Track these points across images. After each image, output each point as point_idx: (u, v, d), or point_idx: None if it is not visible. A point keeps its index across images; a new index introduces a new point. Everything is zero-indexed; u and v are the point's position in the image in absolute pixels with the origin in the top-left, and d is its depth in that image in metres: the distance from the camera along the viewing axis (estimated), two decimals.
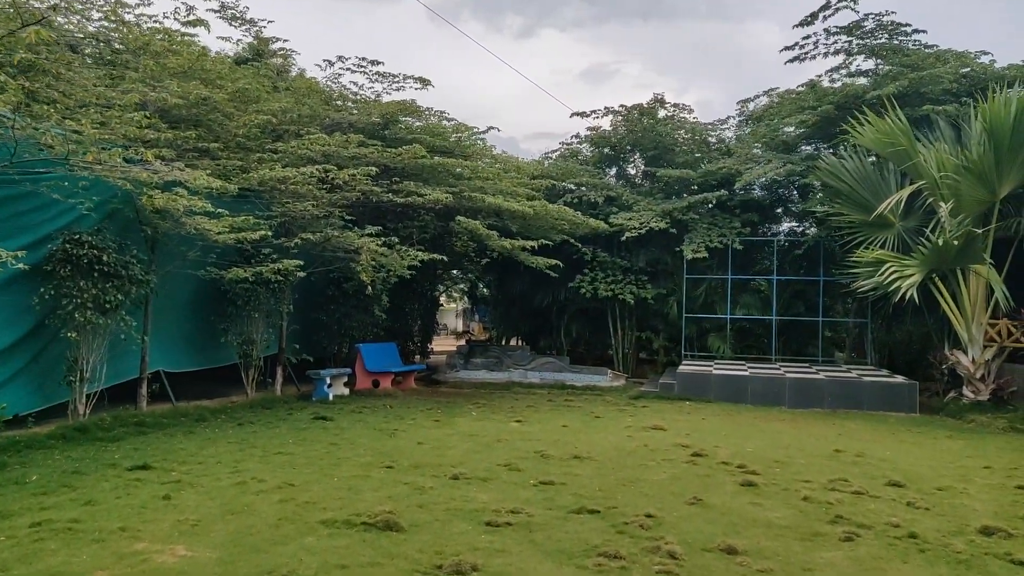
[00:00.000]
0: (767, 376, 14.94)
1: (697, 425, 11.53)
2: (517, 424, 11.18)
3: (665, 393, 15.31)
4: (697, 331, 19.22)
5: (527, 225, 16.44)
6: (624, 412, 12.98)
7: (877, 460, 8.71)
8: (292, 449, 8.62)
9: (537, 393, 15.79)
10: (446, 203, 14.22)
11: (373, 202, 13.48)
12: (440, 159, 14.27)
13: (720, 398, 14.87)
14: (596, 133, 20.37)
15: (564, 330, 20.43)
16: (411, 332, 19.47)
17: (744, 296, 19.27)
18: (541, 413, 12.60)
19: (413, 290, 18.83)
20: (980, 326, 13.81)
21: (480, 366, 19.15)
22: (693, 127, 19.53)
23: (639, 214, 17.32)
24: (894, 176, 15.04)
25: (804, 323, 19.16)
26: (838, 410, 14.09)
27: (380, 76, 15.25)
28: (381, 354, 15.96)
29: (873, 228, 14.90)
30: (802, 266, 19.12)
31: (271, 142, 12.44)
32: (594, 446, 9.26)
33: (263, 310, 12.87)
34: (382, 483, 6.93)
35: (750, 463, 8.23)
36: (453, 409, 12.86)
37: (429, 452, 8.65)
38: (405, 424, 10.91)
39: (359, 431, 10.15)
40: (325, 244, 12.90)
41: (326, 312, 15.32)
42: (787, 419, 12.78)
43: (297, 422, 10.83)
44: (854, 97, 16.05)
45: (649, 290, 18.29)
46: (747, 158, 17.43)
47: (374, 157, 13.58)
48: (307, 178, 11.79)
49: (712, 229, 17.94)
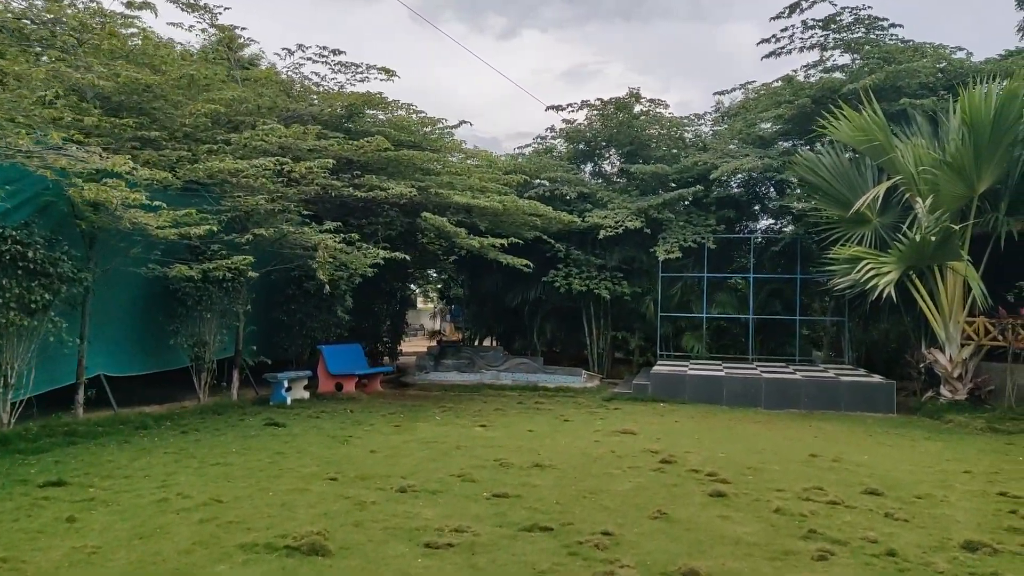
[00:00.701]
0: (743, 376, 14.53)
1: (669, 428, 11.07)
2: (481, 429, 10.65)
3: (639, 394, 14.86)
4: (673, 330, 18.81)
5: (498, 221, 15.92)
6: (595, 415, 12.50)
7: (854, 465, 8.28)
8: (233, 459, 8.04)
9: (507, 395, 15.27)
10: (411, 198, 13.66)
11: (332, 196, 12.89)
12: (405, 152, 13.71)
13: (695, 399, 14.44)
14: (571, 128, 19.88)
15: (538, 330, 19.94)
16: (379, 333, 18.90)
17: (721, 294, 18.89)
18: (508, 417, 12.09)
19: (381, 289, 18.29)
20: (957, 324, 13.47)
21: (451, 367, 18.59)
22: (669, 122, 19.10)
23: (614, 212, 16.85)
24: (871, 171, 14.69)
25: (781, 322, 18.80)
26: (815, 411, 13.70)
27: (342, 66, 14.65)
28: (345, 356, 15.37)
29: (850, 224, 14.53)
30: (779, 264, 18.78)
31: (224, 133, 11.81)
32: (558, 453, 8.75)
33: (216, 310, 12.24)
34: (321, 498, 6.37)
35: (721, 470, 7.76)
36: (417, 413, 12.31)
37: (381, 461, 8.10)
38: (362, 430, 10.35)
39: (311, 438, 9.58)
40: (282, 241, 12.31)
41: (287, 312, 14.71)
42: (763, 421, 12.36)
43: (247, 429, 10.24)
44: (831, 90, 15.68)
45: (625, 287, 17.83)
46: (723, 153, 17.02)
47: (335, 150, 12.99)
48: (260, 171, 11.19)
49: (687, 227, 17.52)
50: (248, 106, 12.58)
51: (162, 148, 10.35)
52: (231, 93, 11.60)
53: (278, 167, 11.48)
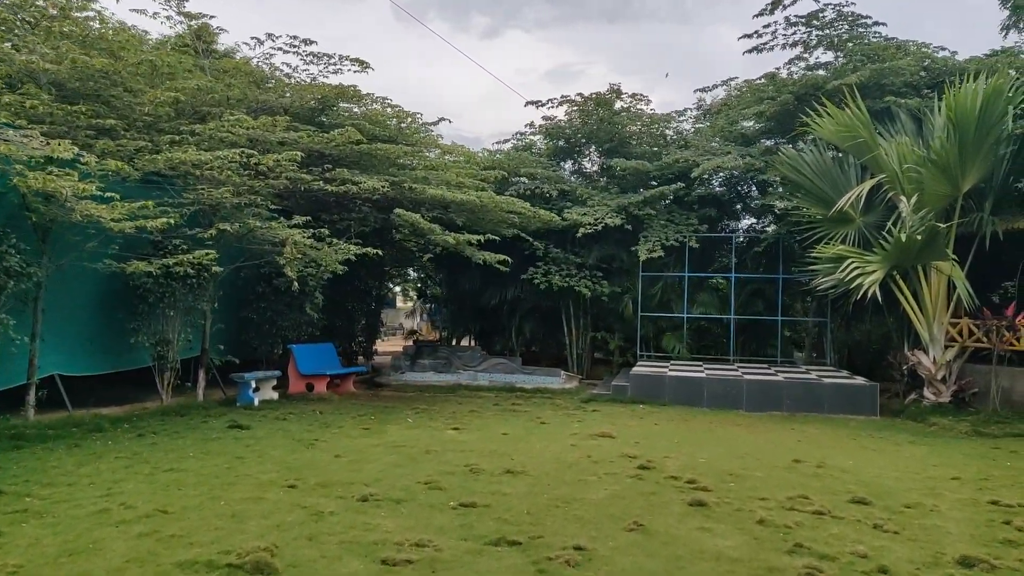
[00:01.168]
0: (724, 378, 14.24)
1: (648, 431, 10.74)
2: (454, 432, 10.26)
3: (618, 396, 14.53)
4: (654, 330, 18.50)
5: (476, 218, 15.53)
6: (572, 417, 12.14)
7: (839, 471, 7.98)
8: (188, 465, 7.59)
9: (484, 396, 14.89)
10: (385, 193, 13.23)
11: (302, 191, 12.44)
12: (378, 145, 13.27)
13: (675, 401, 14.14)
14: (550, 124, 19.53)
15: (517, 330, 19.57)
16: (354, 332, 18.43)
17: (702, 294, 18.62)
18: (483, 419, 11.70)
19: (356, 288, 17.83)
20: (941, 326, 13.27)
21: (427, 367, 18.18)
22: (650, 119, 18.79)
23: (594, 209, 16.52)
24: (854, 170, 14.46)
25: (763, 322, 18.57)
26: (797, 413, 13.44)
27: (315, 57, 14.17)
28: (316, 355, 14.91)
29: (833, 223, 14.29)
30: (761, 264, 18.54)
31: (189, 124, 11.33)
32: (532, 458, 8.39)
33: (180, 307, 11.76)
34: (275, 508, 5.96)
35: (701, 477, 7.43)
36: (388, 415, 11.90)
37: (345, 467, 7.69)
38: (329, 433, 9.92)
39: (275, 441, 9.14)
40: (249, 236, 11.84)
41: (256, 310, 14.23)
42: (744, 424, 12.07)
43: (208, 431, 9.77)
44: (814, 87, 15.45)
45: (605, 286, 17.51)
46: (705, 151, 16.73)
47: (305, 142, 12.54)
48: (225, 163, 10.72)
49: (669, 226, 17.23)
50: (215, 96, 12.09)
51: (120, 138, 9.85)
52: (196, 82, 11.11)
53: (244, 159, 11.02)
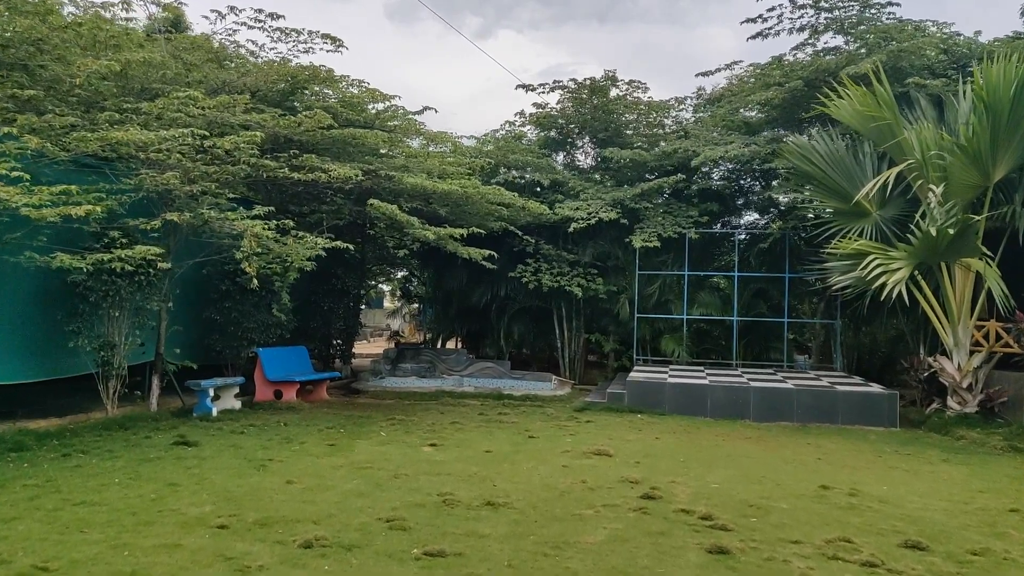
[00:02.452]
0: (729, 385, 13.10)
1: (649, 447, 9.58)
2: (430, 449, 9.07)
3: (614, 404, 13.37)
4: (651, 332, 17.34)
5: (460, 212, 14.34)
6: (564, 430, 10.97)
7: (876, 501, 6.83)
8: (107, 496, 6.37)
9: (468, 405, 13.70)
10: (359, 183, 12.05)
11: (265, 179, 11.22)
12: (351, 131, 12.07)
13: (676, 410, 13.00)
14: (542, 113, 18.34)
15: (505, 331, 18.37)
16: (330, 334, 17.17)
17: (702, 294, 17.47)
18: (465, 432, 10.52)
19: (333, 286, 16.58)
20: (967, 329, 12.16)
21: (409, 372, 16.97)
22: (648, 106, 17.61)
23: (587, 203, 15.35)
24: (870, 159, 13.32)
25: (767, 324, 17.44)
26: (809, 424, 12.32)
27: (282, 33, 12.94)
28: (286, 360, 13.69)
29: (847, 217, 13.16)
30: (765, 262, 17.39)
31: (134, 102, 10.09)
32: (518, 483, 7.20)
33: (127, 307, 10.53)
34: (191, 560, 4.75)
35: (718, 510, 6.27)
36: (360, 427, 10.69)
37: (295, 497, 6.48)
38: (289, 450, 8.71)
39: (222, 462, 7.93)
40: (205, 228, 10.63)
41: (220, 311, 12.99)
42: (754, 437, 10.93)
43: (149, 449, 8.55)
44: (826, 72, 14.31)
45: (599, 284, 16.34)
46: (706, 140, 15.58)
47: (269, 125, 11.33)
48: (176, 144, 9.49)
49: (667, 218, 16.08)
50: (168, 73, 10.86)
51: (45, 112, 8.61)
52: (141, 55, 9.87)
53: (198, 142, 9.79)
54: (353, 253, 19.53)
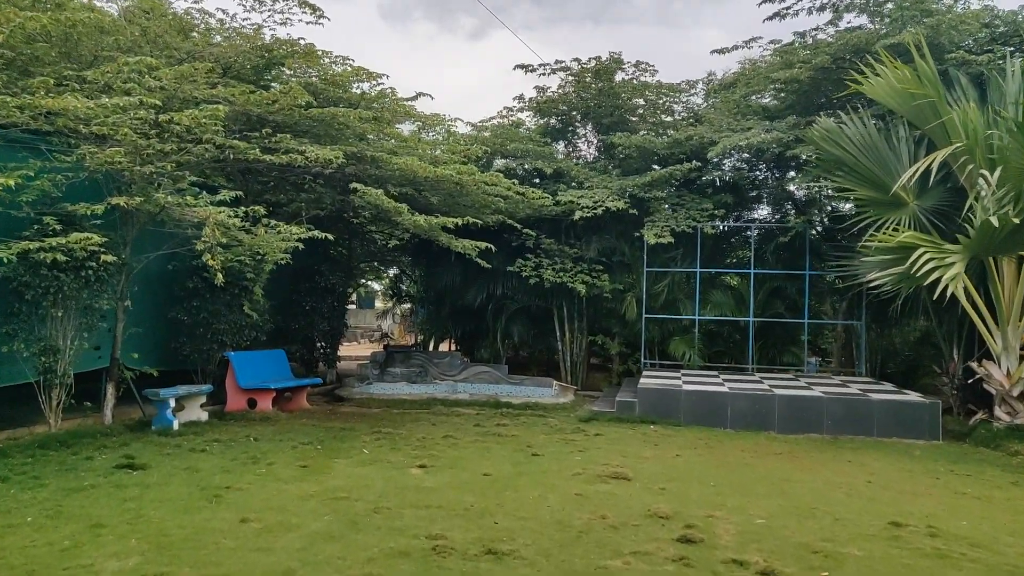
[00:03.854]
0: (752, 393, 11.84)
1: (671, 467, 8.31)
2: (419, 472, 7.78)
3: (624, 414, 12.11)
4: (660, 334, 16.07)
5: (453, 202, 13.05)
6: (571, 445, 9.70)
7: (965, 544, 5.57)
8: (8, 542, 5.07)
9: (463, 414, 12.42)
10: (341, 166, 10.76)
11: (232, 159, 9.90)
12: (333, 109, 10.77)
13: (692, 420, 11.76)
14: (542, 99, 17.06)
15: (503, 332, 17.05)
16: (313, 336, 15.83)
17: (715, 293, 16.22)
18: (459, 449, 9.23)
19: (316, 284, 15.24)
20: (1017, 331, 10.94)
21: (399, 377, 15.72)
22: (657, 90, 16.33)
23: (592, 192, 14.07)
24: (906, 144, 12.08)
25: (783, 325, 16.20)
26: (841, 436, 11.09)
27: (256, 1, 11.62)
28: (261, 365, 12.38)
29: (882, 208, 11.90)
30: (781, 258, 16.14)
31: (76, 69, 8.78)
32: (525, 520, 5.92)
33: (73, 306, 9.20)
34: None
35: (776, 559, 5.00)
36: (340, 443, 9.40)
37: (247, 543, 5.19)
38: (252, 475, 7.41)
39: (169, 491, 6.62)
40: (162, 215, 9.33)
41: (187, 310, 11.65)
42: (785, 452, 9.69)
43: (86, 475, 7.24)
44: (855, 48, 13.06)
45: (605, 282, 15.07)
46: (722, 127, 14.32)
47: (240, 102, 10.03)
48: (127, 117, 8.18)
49: (679, 211, 14.82)
50: (121, 39, 9.54)
51: None
52: (88, 15, 8.55)
53: (152, 115, 8.48)
54: (340, 249, 18.35)
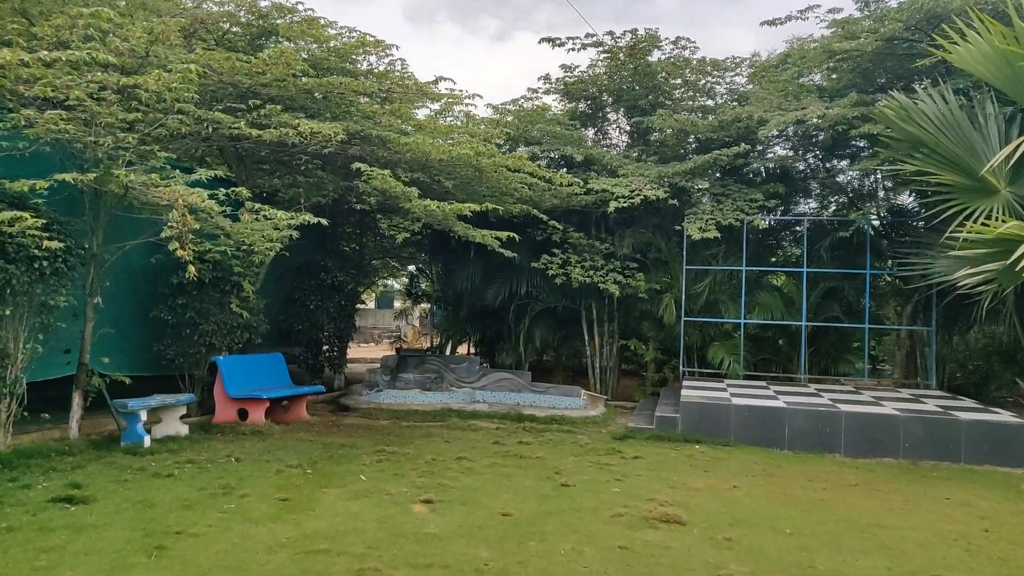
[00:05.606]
0: (813, 410, 10.26)
1: (731, 504, 6.79)
2: (423, 508, 6.33)
3: (664, 431, 10.58)
4: (699, 339, 14.47)
5: (471, 189, 11.61)
6: (607, 470, 8.21)
7: None
8: None
9: (481, 428, 10.98)
10: (344, 147, 9.36)
11: (212, 132, 8.51)
12: (334, 79, 9.36)
13: (744, 440, 10.21)
14: (571, 79, 15.55)
15: (524, 336, 15.55)
16: (319, 339, 14.42)
17: (760, 294, 14.58)
18: (475, 475, 7.77)
19: (322, 281, 13.84)
20: None
21: (412, 384, 14.27)
22: (699, 67, 14.71)
23: (628, 180, 12.55)
24: (995, 121, 10.42)
25: (836, 331, 14.54)
26: (922, 462, 9.51)
27: None
28: (254, 371, 11.03)
29: (968, 195, 10.26)
30: (837, 255, 14.46)
31: (21, 24, 7.47)
32: None
33: (25, 303, 7.89)
34: None
35: None
36: (335, 465, 7.98)
37: None
38: (217, 512, 6.00)
39: (104, 539, 5.23)
40: (128, 197, 7.98)
41: (171, 309, 10.33)
42: (861, 483, 8.13)
43: (12, 510, 5.87)
44: (929, 15, 11.41)
45: (640, 281, 13.53)
46: (772, 107, 12.71)
47: (225, 68, 8.65)
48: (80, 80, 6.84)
49: (724, 202, 13.24)
50: None
51: None
52: None
53: (113, 77, 7.12)
54: (351, 245, 16.98)
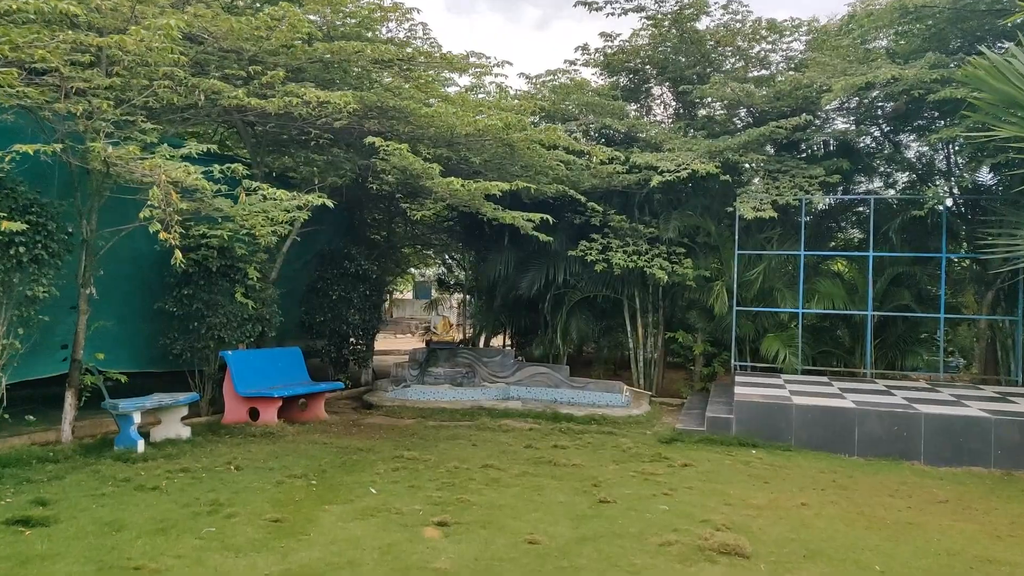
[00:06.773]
0: (887, 411, 9.03)
1: (801, 528, 5.68)
2: (436, 533, 5.36)
3: (716, 433, 9.47)
4: (752, 330, 13.24)
5: (501, 167, 10.58)
6: (653, 482, 7.15)
7: None
8: None
9: (512, 429, 9.99)
10: (354, 114, 8.42)
11: (205, 100, 7.62)
12: (343, 43, 8.41)
13: (806, 444, 9.07)
14: (611, 50, 14.37)
15: (562, 327, 14.48)
16: (345, 331, 13.49)
17: (820, 282, 13.28)
18: (500, 488, 6.78)
19: (346, 270, 12.94)
20: None
21: (442, 379, 13.40)
22: (751, 37, 13.40)
23: (675, 154, 11.38)
24: None
25: (905, 321, 13.17)
26: (1017, 471, 8.24)
27: None
28: (266, 367, 10.21)
29: None
30: (906, 238, 13.07)
31: None
32: None
33: (4, 296, 7.16)
34: None
35: None
36: (345, 475, 7.07)
37: None
38: (193, 539, 5.11)
39: (51, 572, 4.37)
40: (112, 174, 7.15)
41: (176, 301, 9.56)
42: (952, 499, 6.94)
43: None
44: None
45: (688, 267, 12.37)
46: (837, 72, 11.39)
47: (222, 30, 7.77)
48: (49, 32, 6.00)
49: (780, 179, 11.98)
50: None
51: None
52: None
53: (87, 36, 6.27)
54: (381, 233, 16.09)
